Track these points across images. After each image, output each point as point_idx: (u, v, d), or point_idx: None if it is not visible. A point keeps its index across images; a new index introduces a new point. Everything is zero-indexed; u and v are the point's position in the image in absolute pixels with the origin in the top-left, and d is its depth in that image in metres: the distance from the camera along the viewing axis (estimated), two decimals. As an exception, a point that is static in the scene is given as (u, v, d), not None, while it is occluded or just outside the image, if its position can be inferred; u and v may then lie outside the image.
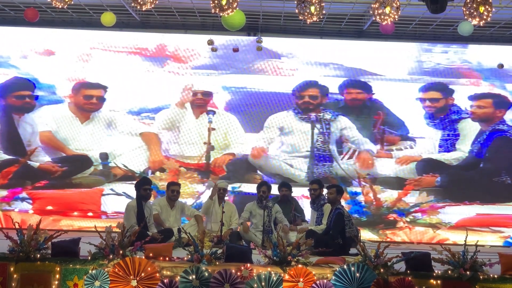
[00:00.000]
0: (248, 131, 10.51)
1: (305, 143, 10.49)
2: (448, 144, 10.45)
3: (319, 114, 10.49)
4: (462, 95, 10.53)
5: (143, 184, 7.82)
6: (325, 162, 10.44)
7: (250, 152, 10.47)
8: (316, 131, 10.48)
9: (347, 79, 10.56)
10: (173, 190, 8.10)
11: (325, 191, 8.06)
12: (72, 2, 6.62)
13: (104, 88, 10.54)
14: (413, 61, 10.58)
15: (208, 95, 10.56)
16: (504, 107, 10.50)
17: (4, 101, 10.52)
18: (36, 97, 10.49)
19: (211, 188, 8.75)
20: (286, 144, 10.50)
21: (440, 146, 10.46)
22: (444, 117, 10.49)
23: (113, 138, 10.48)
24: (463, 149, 10.44)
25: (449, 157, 10.40)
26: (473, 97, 10.51)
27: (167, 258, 5.69)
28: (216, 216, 8.11)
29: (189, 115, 10.54)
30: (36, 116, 10.48)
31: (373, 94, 10.53)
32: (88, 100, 10.53)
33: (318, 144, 10.46)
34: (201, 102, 10.55)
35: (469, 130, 10.46)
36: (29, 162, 10.36)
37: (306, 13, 6.33)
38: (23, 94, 10.51)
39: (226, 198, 8.64)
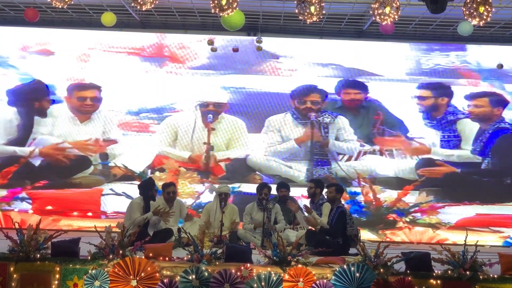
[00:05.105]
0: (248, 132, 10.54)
1: (304, 146, 10.49)
2: (451, 145, 10.43)
3: (318, 118, 10.48)
4: (461, 96, 10.53)
5: (154, 185, 7.97)
6: (324, 165, 10.44)
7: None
8: (315, 133, 10.47)
9: (343, 79, 10.56)
10: (168, 192, 8.07)
11: (324, 190, 8.06)
12: (72, 2, 6.63)
13: (98, 88, 10.52)
14: (412, 62, 10.58)
15: (220, 106, 10.53)
16: (501, 105, 10.50)
17: (38, 104, 10.53)
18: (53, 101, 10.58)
19: (214, 193, 8.69)
20: (285, 147, 10.51)
21: (441, 147, 10.44)
22: (441, 117, 10.49)
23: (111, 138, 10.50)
24: (467, 148, 10.43)
25: (453, 153, 10.38)
26: (469, 97, 10.51)
27: (167, 258, 5.69)
28: (217, 221, 8.06)
29: (197, 121, 10.54)
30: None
31: (368, 93, 10.53)
32: (82, 102, 10.52)
33: (317, 149, 10.46)
34: (212, 112, 10.53)
35: (469, 130, 10.46)
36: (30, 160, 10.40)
37: (306, 13, 6.33)
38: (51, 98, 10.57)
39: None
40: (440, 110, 10.50)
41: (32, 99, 10.52)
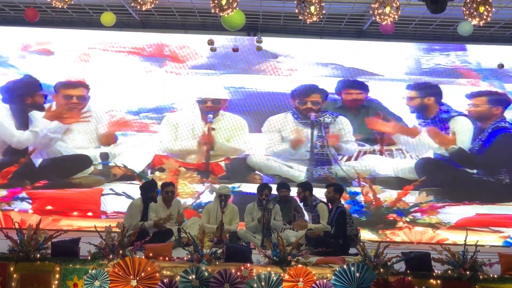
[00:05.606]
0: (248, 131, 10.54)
1: (304, 146, 10.49)
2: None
3: (319, 118, 10.48)
4: (457, 94, 10.53)
5: (156, 187, 7.95)
6: (324, 165, 10.44)
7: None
8: (315, 133, 10.47)
9: (343, 79, 10.56)
10: (167, 192, 8.07)
11: (324, 191, 8.04)
12: (72, 2, 6.63)
13: (87, 86, 10.51)
14: (412, 61, 10.58)
15: (218, 102, 10.53)
16: (500, 104, 10.49)
17: (31, 99, 10.51)
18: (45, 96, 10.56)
19: (214, 193, 8.69)
20: (285, 147, 10.50)
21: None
22: (435, 116, 10.50)
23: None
24: (459, 145, 10.44)
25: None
26: (469, 95, 10.50)
27: (167, 258, 5.70)
28: (217, 221, 8.05)
29: (197, 121, 10.53)
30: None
31: (368, 93, 10.53)
32: (68, 100, 10.51)
33: (317, 149, 10.46)
34: (211, 110, 10.52)
35: (460, 126, 10.45)
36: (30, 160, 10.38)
37: (306, 13, 6.33)
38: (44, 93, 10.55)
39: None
40: (430, 110, 10.50)
41: (24, 94, 10.50)
